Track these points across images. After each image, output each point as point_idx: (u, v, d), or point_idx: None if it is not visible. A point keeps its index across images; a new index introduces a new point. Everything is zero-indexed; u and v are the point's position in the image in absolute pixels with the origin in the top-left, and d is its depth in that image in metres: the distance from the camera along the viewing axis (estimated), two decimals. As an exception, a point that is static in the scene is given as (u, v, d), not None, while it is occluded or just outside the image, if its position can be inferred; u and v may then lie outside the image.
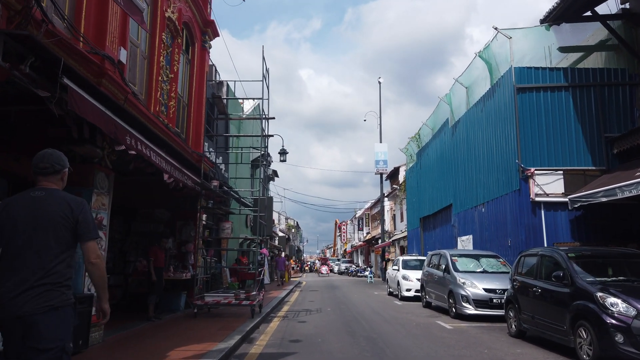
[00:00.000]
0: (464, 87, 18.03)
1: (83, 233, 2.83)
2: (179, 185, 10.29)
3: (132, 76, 9.20)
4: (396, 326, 10.08)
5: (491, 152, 15.31)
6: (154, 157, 7.73)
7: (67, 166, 3.02)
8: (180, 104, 12.07)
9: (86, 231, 2.84)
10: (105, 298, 2.96)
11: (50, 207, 2.78)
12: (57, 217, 2.77)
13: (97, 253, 2.86)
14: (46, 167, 2.91)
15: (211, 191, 11.25)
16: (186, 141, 12.44)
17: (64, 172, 3.01)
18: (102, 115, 6.12)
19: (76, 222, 2.81)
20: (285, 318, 11.54)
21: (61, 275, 2.74)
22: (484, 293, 10.94)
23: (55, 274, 2.71)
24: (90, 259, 2.83)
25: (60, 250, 2.76)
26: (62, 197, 2.87)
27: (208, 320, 10.21)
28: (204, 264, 13.52)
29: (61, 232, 2.77)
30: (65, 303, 2.74)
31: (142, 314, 9.98)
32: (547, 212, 13.05)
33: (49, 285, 2.67)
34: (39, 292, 2.64)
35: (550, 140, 13.45)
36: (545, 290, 7.62)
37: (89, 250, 2.84)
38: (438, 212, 22.07)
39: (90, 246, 2.85)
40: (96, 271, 2.86)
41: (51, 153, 2.98)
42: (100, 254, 2.94)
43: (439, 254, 13.73)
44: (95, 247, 2.88)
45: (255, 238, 11.21)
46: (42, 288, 2.65)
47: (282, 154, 21.41)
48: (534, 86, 13.68)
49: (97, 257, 2.85)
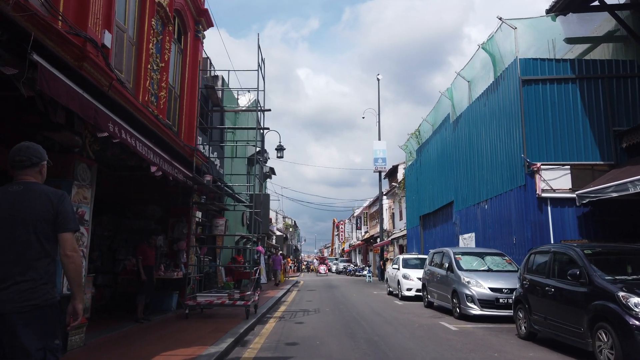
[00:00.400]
0: (466, 81, 17.53)
1: (61, 224, 2.74)
2: (169, 179, 9.78)
3: (119, 63, 8.67)
4: (398, 327, 9.58)
5: (495, 147, 14.83)
6: (140, 147, 7.21)
7: (44, 159, 2.92)
8: (171, 95, 11.55)
9: (64, 222, 2.75)
10: (79, 296, 2.78)
11: (30, 202, 2.71)
12: (38, 211, 2.69)
13: (73, 246, 2.74)
14: (22, 161, 2.82)
15: (204, 186, 10.72)
16: (178, 134, 11.91)
17: (42, 165, 2.91)
18: (78, 98, 5.59)
19: (57, 214, 2.73)
20: (282, 319, 11.03)
21: (44, 272, 2.65)
22: (489, 292, 10.45)
23: (38, 271, 2.62)
24: (65, 250, 2.72)
25: (41, 246, 2.68)
26: (42, 190, 2.79)
27: (200, 321, 9.68)
28: (197, 262, 12.99)
29: (42, 226, 2.68)
30: (49, 301, 2.64)
31: (131, 315, 9.46)
32: (554, 209, 12.56)
33: (31, 283, 2.58)
34: (20, 289, 2.55)
35: (557, 134, 12.98)
36: (559, 289, 7.12)
37: (65, 242, 2.74)
38: (439, 210, 21.58)
39: (67, 237, 2.74)
40: (70, 264, 2.72)
41: (28, 146, 2.87)
42: (77, 247, 2.79)
43: (442, 252, 13.23)
44: (72, 239, 2.76)
45: (250, 235, 10.66)
46: (24, 285, 2.56)
47: (279, 150, 20.91)
48: (539, 78, 13.19)
49: (73, 250, 2.73)
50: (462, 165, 18.16)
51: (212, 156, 13.85)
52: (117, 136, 6.39)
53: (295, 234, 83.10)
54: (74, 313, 2.77)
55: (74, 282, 2.76)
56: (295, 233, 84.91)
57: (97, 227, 11.52)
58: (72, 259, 2.71)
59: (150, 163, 7.69)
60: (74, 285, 2.76)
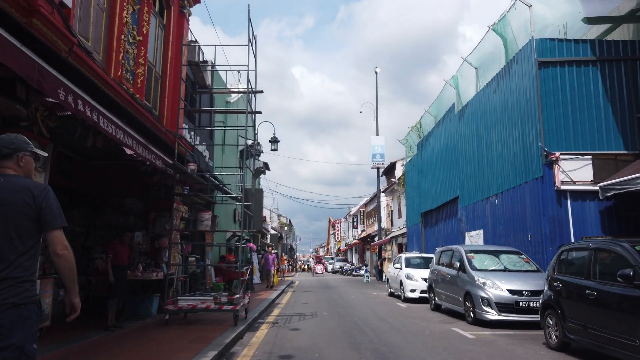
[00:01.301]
0: (474, 68, 16.40)
1: (48, 221, 2.63)
2: (146, 165, 8.60)
3: (84, 29, 7.46)
4: (407, 335, 8.43)
5: (507, 136, 13.70)
6: (105, 124, 6.02)
7: (21, 149, 2.74)
8: (151, 74, 10.33)
9: (51, 219, 2.63)
10: (75, 291, 2.75)
11: (9, 195, 2.58)
12: (18, 205, 2.57)
13: (64, 243, 2.65)
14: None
15: (187, 175, 9.52)
16: (160, 119, 10.70)
17: (20, 156, 2.74)
18: (17, 55, 4.42)
19: (39, 209, 2.61)
20: (275, 325, 9.86)
21: (25, 269, 2.55)
22: (508, 295, 9.32)
23: (19, 268, 2.52)
24: (56, 249, 2.62)
25: (22, 242, 2.56)
26: (22, 183, 2.65)
27: (181, 329, 8.49)
28: (182, 261, 11.79)
29: (23, 221, 2.58)
30: (29, 300, 2.55)
31: (104, 321, 8.24)
32: (574, 202, 11.47)
33: (11, 280, 2.48)
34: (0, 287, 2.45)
35: (577, 121, 11.88)
36: (604, 293, 5.99)
37: (55, 240, 2.63)
38: (442, 206, 20.46)
39: (57, 236, 2.64)
40: (64, 263, 2.64)
41: (2, 137, 2.76)
42: (67, 244, 2.67)
43: (451, 250, 12.09)
44: (62, 236, 2.66)
45: (240, 231, 9.47)
46: (3, 284, 2.46)
47: (273, 142, 19.73)
48: (557, 60, 12.08)
49: (65, 248, 2.64)
50: (468, 157, 17.04)
51: (197, 144, 12.62)
52: (71, 107, 5.21)
53: (290, 233, 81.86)
54: (71, 307, 2.73)
55: (69, 280, 2.70)
56: (291, 232, 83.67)
57: (68, 222, 10.28)
58: (64, 258, 2.63)
59: (118, 143, 6.49)
60: (69, 282, 2.71)
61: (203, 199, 10.23)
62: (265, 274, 20.54)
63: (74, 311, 2.76)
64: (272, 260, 20.17)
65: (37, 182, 2.74)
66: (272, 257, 20.41)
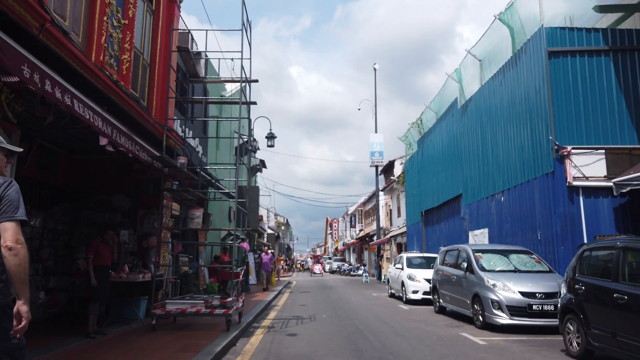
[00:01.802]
0: (478, 60, 15.79)
1: (3, 211, 2.45)
2: (128, 157, 7.95)
3: (61, 7, 6.79)
4: (413, 342, 7.81)
5: (514, 130, 13.09)
6: (80, 108, 5.38)
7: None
8: (138, 62, 9.68)
9: (6, 209, 2.45)
10: (24, 296, 2.39)
11: None
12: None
13: (16, 236, 2.41)
14: None
15: (176, 169, 8.87)
16: (148, 110, 10.04)
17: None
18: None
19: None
20: (271, 329, 9.23)
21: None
22: (520, 298, 8.71)
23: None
24: (5, 242, 2.39)
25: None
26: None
27: (169, 335, 7.84)
28: (173, 262, 11.14)
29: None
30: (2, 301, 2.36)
31: (85, 327, 7.59)
32: (587, 199, 10.88)
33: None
34: None
35: (589, 113, 11.30)
36: (637, 297, 5.38)
37: (6, 231, 2.41)
38: (443, 204, 19.85)
39: (7, 227, 2.42)
40: (12, 259, 2.38)
41: None
42: (21, 239, 2.42)
43: (457, 249, 11.48)
44: (15, 228, 2.43)
45: (232, 229, 8.83)
46: None
47: (269, 138, 19.10)
48: (568, 49, 11.49)
49: (16, 242, 2.39)
50: (472, 153, 16.44)
51: (189, 136, 11.96)
52: (37, 86, 4.58)
53: (287, 233, 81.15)
54: (17, 315, 2.38)
55: (18, 279, 2.40)
56: (288, 231, 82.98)
57: (49, 220, 9.65)
58: (13, 252, 2.38)
59: (96, 131, 5.85)
60: (18, 282, 2.40)
61: (194, 194, 9.58)
62: (261, 276, 19.39)
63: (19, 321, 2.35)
64: (268, 260, 19.11)
65: (2, 176, 2.59)
66: (269, 257, 19.36)
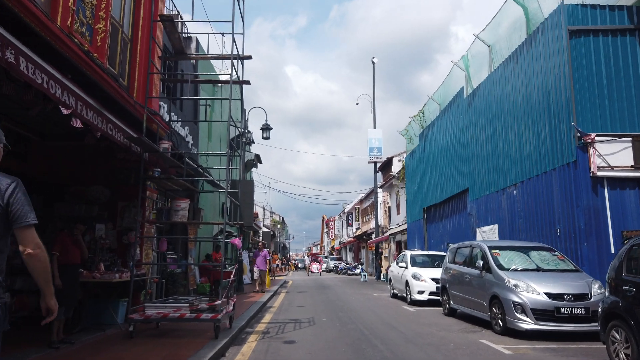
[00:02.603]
0: (487, 46, 14.83)
1: (17, 217, 2.37)
2: (107, 143, 6.95)
3: (16, -43, 5.75)
4: (429, 350, 6.83)
5: (529, 118, 12.13)
6: (27, 68, 4.36)
7: None
8: (117, 36, 8.62)
9: (21, 214, 2.38)
10: (50, 292, 2.56)
11: None
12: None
13: (36, 241, 2.41)
14: None
15: (158, 155, 7.83)
16: (129, 91, 9.00)
17: None
18: None
19: (7, 204, 2.37)
20: (266, 335, 8.22)
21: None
22: (546, 300, 7.75)
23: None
24: (27, 249, 2.38)
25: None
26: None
27: (148, 343, 6.82)
28: (158, 259, 10.11)
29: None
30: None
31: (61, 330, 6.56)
32: (612, 191, 9.96)
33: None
34: None
35: (613, 98, 10.37)
36: None
37: (26, 238, 2.39)
38: (447, 200, 18.90)
39: (28, 234, 2.40)
40: (37, 264, 2.41)
41: None
42: (39, 242, 2.42)
43: (469, 246, 10.52)
44: (34, 234, 2.42)
45: (221, 223, 7.81)
46: None
47: (264, 130, 18.07)
48: (590, 28, 10.56)
49: (37, 247, 2.40)
50: (479, 145, 15.48)
51: (175, 120, 10.91)
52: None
53: (283, 231, 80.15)
54: (47, 310, 2.57)
55: (44, 281, 2.51)
56: (284, 230, 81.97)
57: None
58: (37, 258, 2.40)
59: (52, 98, 4.83)
60: (44, 283, 2.52)
61: (179, 184, 8.54)
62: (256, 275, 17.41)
63: (51, 313, 2.60)
64: (263, 257, 17.53)
65: (5, 174, 2.45)
66: (264, 254, 17.83)
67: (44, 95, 5.14)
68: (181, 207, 7.85)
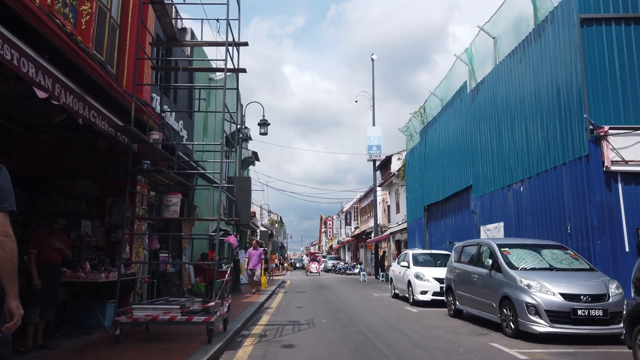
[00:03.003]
0: (491, 38, 14.37)
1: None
2: (94, 136, 6.47)
3: None
4: (437, 355, 6.35)
5: (536, 112, 11.66)
6: None
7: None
8: (105, 20, 8.10)
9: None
10: (14, 291, 2.28)
11: None
12: None
13: (3, 229, 2.25)
14: None
15: (147, 146, 7.33)
16: (118, 80, 8.49)
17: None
18: None
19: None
20: (263, 339, 7.73)
21: None
22: (561, 301, 7.28)
23: None
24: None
25: None
26: None
27: (136, 348, 6.32)
28: (150, 258, 9.61)
29: None
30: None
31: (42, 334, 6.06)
32: (626, 187, 9.51)
33: None
34: None
35: (627, 89, 9.91)
36: None
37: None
38: (450, 198, 18.44)
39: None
40: (1, 253, 2.21)
41: None
42: (9, 231, 2.27)
43: (477, 244, 10.06)
44: (6, 221, 2.27)
45: (217, 220, 7.30)
46: None
47: (262, 125, 17.59)
48: (603, 16, 10.10)
49: (5, 234, 2.24)
50: (484, 141, 15.02)
51: (168, 110, 10.40)
52: None
53: (281, 231, 79.59)
54: (8, 313, 2.25)
55: (5, 274, 2.24)
56: (281, 230, 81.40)
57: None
58: (2, 246, 2.22)
59: (24, 78, 4.33)
60: (5, 277, 2.24)
61: (170, 178, 8.04)
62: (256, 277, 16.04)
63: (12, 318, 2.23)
64: (258, 256, 16.11)
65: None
66: (259, 252, 16.20)
67: (17, 76, 4.65)
68: (172, 202, 7.35)
